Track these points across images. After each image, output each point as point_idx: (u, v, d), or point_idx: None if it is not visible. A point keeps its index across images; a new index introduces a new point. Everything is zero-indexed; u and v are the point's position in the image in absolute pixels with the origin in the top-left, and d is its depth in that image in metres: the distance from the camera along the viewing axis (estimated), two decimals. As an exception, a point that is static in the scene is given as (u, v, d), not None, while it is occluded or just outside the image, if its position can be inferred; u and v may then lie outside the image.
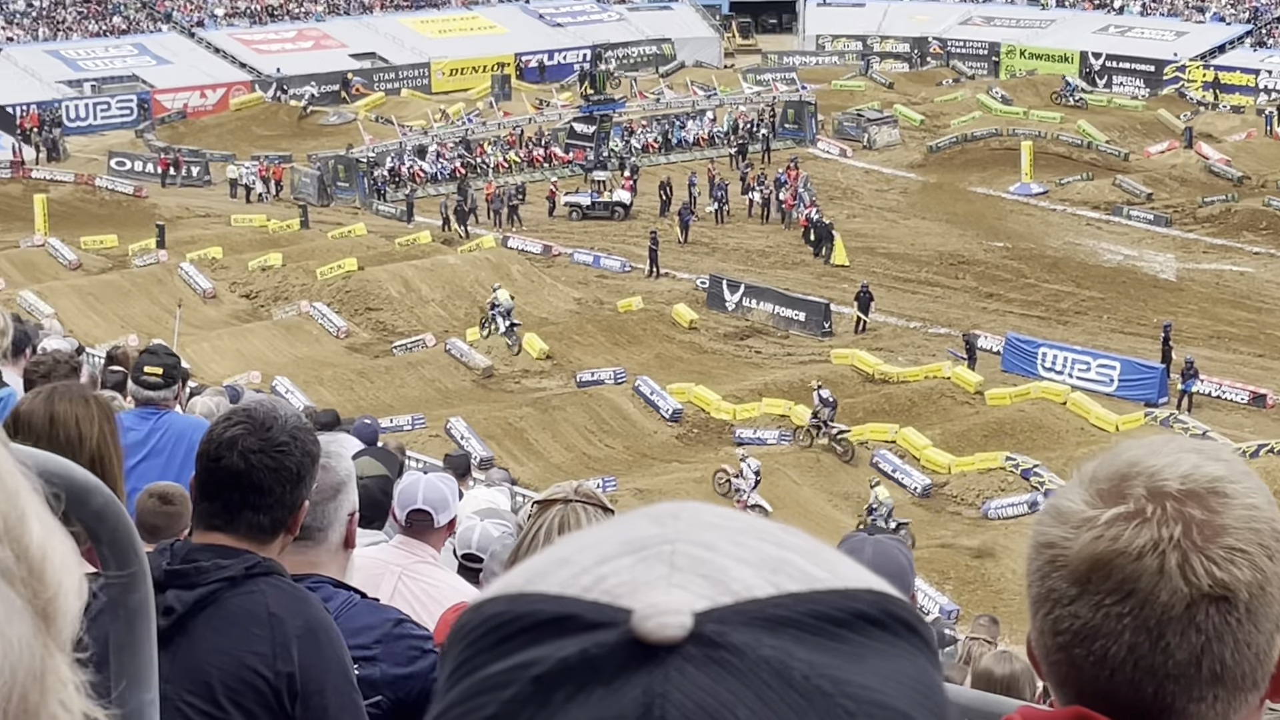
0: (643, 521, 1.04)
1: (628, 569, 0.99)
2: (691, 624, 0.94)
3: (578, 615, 0.97)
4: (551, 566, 1.01)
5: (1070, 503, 2.00)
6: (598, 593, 0.97)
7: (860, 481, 41.97)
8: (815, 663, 0.94)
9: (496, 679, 0.97)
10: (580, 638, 0.95)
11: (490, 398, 48.14)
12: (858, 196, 67.95)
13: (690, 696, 0.92)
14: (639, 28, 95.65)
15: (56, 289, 54.27)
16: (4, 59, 76.94)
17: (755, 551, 1.00)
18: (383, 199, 66.19)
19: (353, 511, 5.25)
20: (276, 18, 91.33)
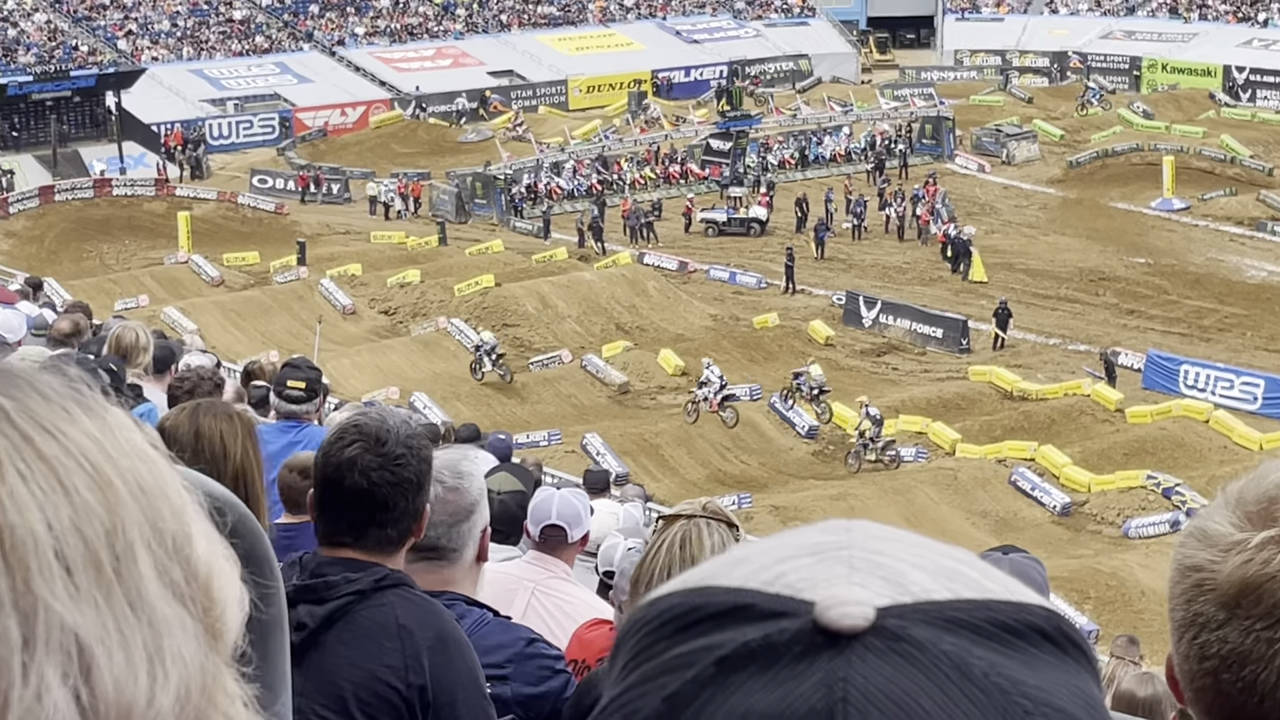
0: (815, 531, 1.06)
1: (807, 568, 1.01)
2: (874, 616, 0.96)
3: (757, 605, 0.99)
4: (729, 565, 1.04)
5: (1217, 525, 1.95)
6: (778, 586, 0.99)
7: (997, 500, 41.62)
8: (993, 662, 0.96)
9: (677, 660, 0.98)
10: (761, 625, 0.97)
11: (626, 414, 48.21)
12: (996, 212, 67.42)
13: (873, 683, 0.93)
14: (776, 44, 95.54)
15: (199, 305, 54.98)
16: (149, 79, 78.13)
17: (930, 561, 1.02)
18: (520, 216, 66.56)
19: (485, 527, 5.28)
20: (416, 36, 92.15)
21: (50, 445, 1.12)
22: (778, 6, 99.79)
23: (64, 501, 1.10)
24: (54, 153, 71.05)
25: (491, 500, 7.06)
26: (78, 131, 73.56)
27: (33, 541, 1.08)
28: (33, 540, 1.08)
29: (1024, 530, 39.07)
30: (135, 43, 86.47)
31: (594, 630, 6.84)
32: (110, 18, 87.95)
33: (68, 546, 1.09)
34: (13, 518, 1.08)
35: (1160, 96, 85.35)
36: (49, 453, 1.12)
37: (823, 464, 45.41)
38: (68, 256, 60.66)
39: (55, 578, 1.08)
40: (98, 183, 68.49)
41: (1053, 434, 45.07)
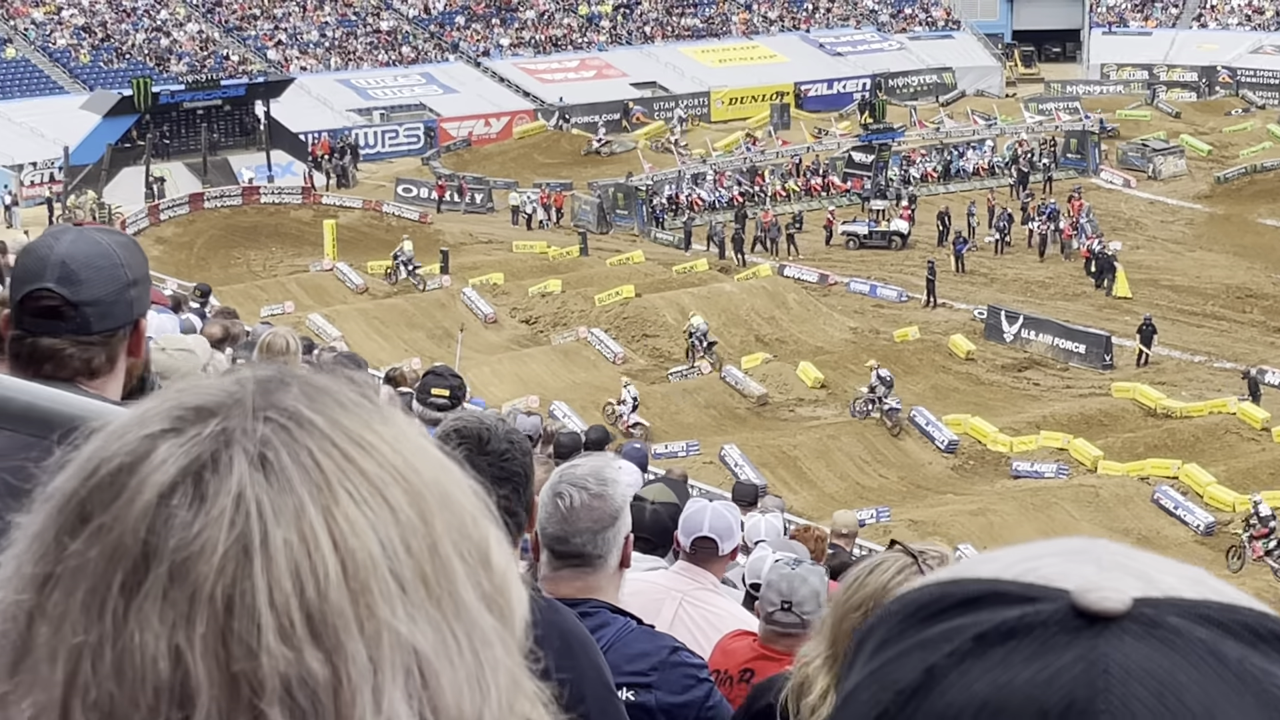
0: (1059, 540, 1.08)
1: (1057, 564, 1.03)
2: (1130, 603, 0.98)
3: (1011, 592, 1.01)
4: (978, 563, 1.06)
5: None
6: (1032, 577, 1.02)
7: (1139, 518, 41.18)
8: (1244, 654, 0.97)
9: (936, 638, 1.01)
10: (1017, 608, 1.00)
11: (764, 425, 48.19)
12: (1141, 228, 66.69)
13: (1132, 660, 0.95)
14: (919, 57, 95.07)
15: (344, 313, 55.55)
16: (298, 88, 79.11)
17: (1174, 569, 1.04)
18: (661, 227, 66.71)
19: (628, 534, 5.32)
20: (560, 48, 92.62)
21: (368, 461, 1.13)
22: (922, 20, 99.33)
23: (391, 519, 1.12)
24: (204, 161, 72.11)
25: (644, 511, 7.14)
26: (227, 140, 74.58)
27: (371, 564, 1.09)
28: (371, 563, 1.09)
29: (1166, 549, 38.60)
30: (284, 53, 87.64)
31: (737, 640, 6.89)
32: (261, 28, 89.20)
33: (400, 565, 1.10)
34: (352, 542, 1.09)
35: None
36: (369, 470, 1.13)
37: (962, 479, 45.14)
38: (216, 263, 61.52)
39: (394, 598, 1.09)
40: (246, 190, 69.40)
41: (1197, 452, 44.53)
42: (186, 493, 1.10)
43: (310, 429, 1.13)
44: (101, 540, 1.09)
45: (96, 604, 1.08)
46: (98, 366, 3.63)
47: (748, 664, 6.73)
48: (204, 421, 1.13)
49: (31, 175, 70.81)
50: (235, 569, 1.07)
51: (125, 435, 1.14)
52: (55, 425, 2.41)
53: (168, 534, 1.08)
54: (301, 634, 1.07)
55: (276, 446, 1.11)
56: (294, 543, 1.08)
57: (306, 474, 1.11)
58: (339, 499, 1.10)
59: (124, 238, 3.84)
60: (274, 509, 1.09)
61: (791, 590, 6.64)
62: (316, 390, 1.17)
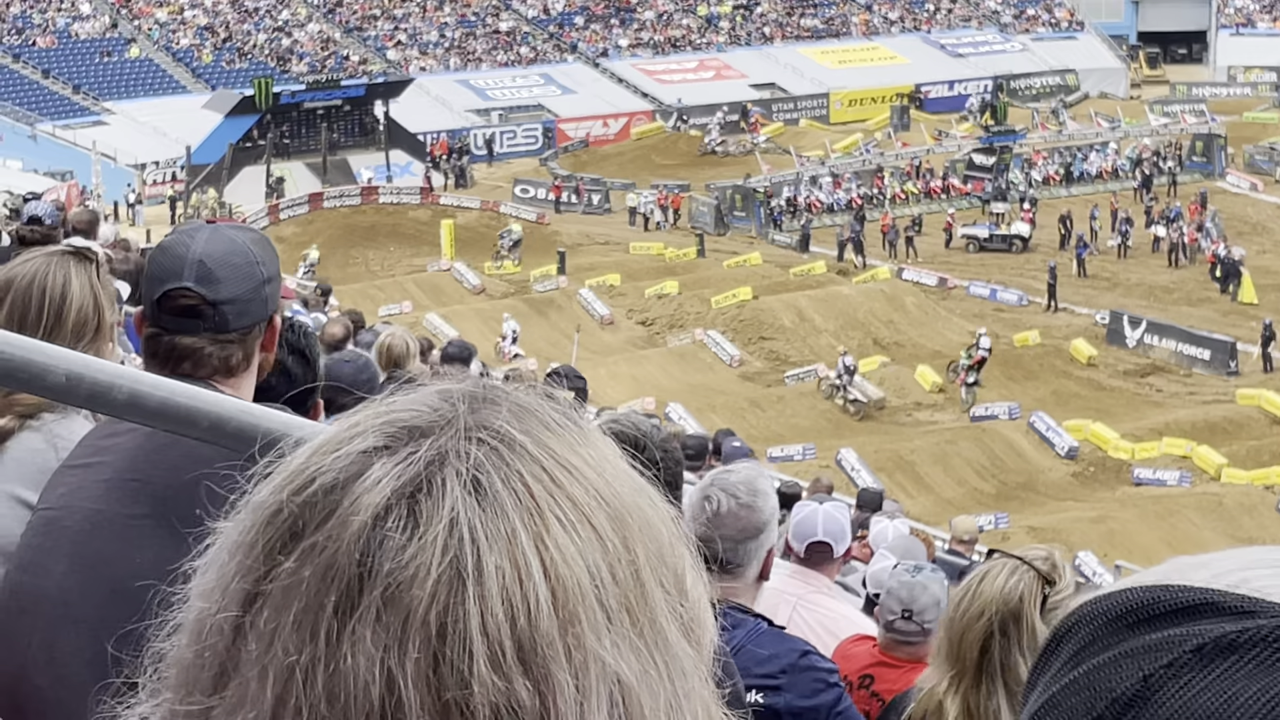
0: (1267, 549, 1.05)
1: (1270, 577, 1.00)
2: None
3: (1225, 604, 0.98)
4: (1187, 569, 1.03)
5: None
6: (1244, 589, 0.99)
7: (1264, 527, 40.48)
8: None
9: (1151, 646, 0.98)
10: (1233, 621, 0.97)
11: (881, 429, 47.84)
12: (1269, 232, 65.71)
13: None
14: (1042, 58, 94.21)
15: (460, 312, 55.74)
16: (417, 88, 79.53)
17: None
18: (778, 229, 66.45)
19: (771, 547, 5.29)
20: (679, 48, 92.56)
21: (575, 486, 1.13)
22: (1045, 20, 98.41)
23: (597, 545, 1.11)
24: (323, 160, 72.67)
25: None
26: (346, 140, 75.11)
27: (579, 592, 1.09)
28: (580, 591, 1.09)
29: (1292, 560, 37.95)
30: (404, 53, 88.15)
31: (857, 645, 6.74)
32: (381, 28, 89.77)
33: (606, 592, 1.10)
34: (563, 570, 1.09)
35: None
36: (576, 495, 1.12)
37: (1082, 485, 44.61)
38: (334, 262, 61.90)
39: (601, 627, 1.09)
40: (365, 190, 69.88)
41: (1324, 461, 43.79)
42: (401, 515, 1.09)
43: (520, 452, 1.13)
44: (314, 560, 1.09)
45: (309, 624, 1.08)
46: (235, 364, 3.63)
47: (867, 669, 6.60)
48: (417, 441, 1.13)
49: (154, 174, 71.60)
50: (449, 595, 1.07)
51: (338, 450, 1.14)
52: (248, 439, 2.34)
53: (382, 557, 1.08)
54: (512, 662, 1.07)
55: (489, 470, 1.11)
56: (506, 570, 1.08)
57: (518, 499, 1.11)
58: (549, 525, 1.10)
59: (257, 234, 3.84)
60: (487, 535, 1.09)
61: (912, 598, 6.51)
62: (524, 410, 1.17)
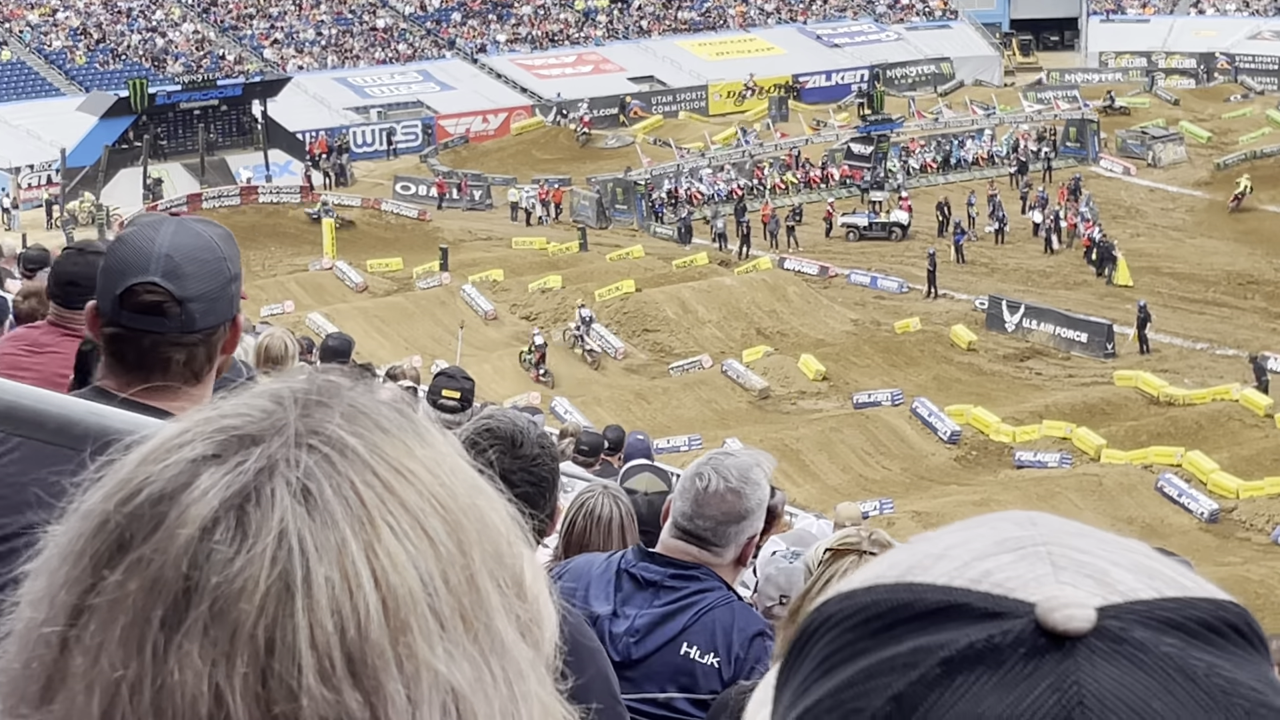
0: (1005, 524, 1.05)
1: (1010, 565, 1.00)
2: (1095, 618, 0.96)
3: (971, 605, 0.97)
4: (928, 560, 1.02)
5: None
6: (987, 585, 0.98)
7: (1143, 506, 41.10)
8: (1211, 663, 0.96)
9: (899, 660, 0.97)
10: (980, 626, 0.96)
11: (766, 419, 48.12)
12: (1142, 215, 66.62)
13: (1104, 686, 0.93)
14: (917, 47, 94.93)
15: (343, 311, 55.50)
16: (294, 87, 79.05)
17: (1126, 557, 1.02)
18: (660, 221, 66.63)
19: (753, 536, 5.40)
20: (557, 43, 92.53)
21: (408, 491, 1.10)
22: (919, 10, 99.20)
23: (430, 552, 1.09)
24: (201, 161, 72.08)
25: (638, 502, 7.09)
26: (225, 140, 74.56)
27: (411, 601, 1.07)
28: (411, 600, 1.07)
29: (1170, 537, 38.53)
30: (281, 52, 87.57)
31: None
32: (256, 27, 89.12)
33: (439, 600, 1.08)
34: (393, 579, 1.07)
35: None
36: (409, 500, 1.10)
37: (964, 469, 45.08)
38: (215, 263, 61.37)
39: (433, 635, 1.07)
40: (244, 190, 69.40)
41: (1200, 439, 44.45)
42: (229, 526, 1.07)
43: (352, 458, 1.11)
44: (141, 573, 1.07)
45: (136, 639, 1.05)
46: (199, 367, 3.47)
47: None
48: (247, 449, 1.11)
49: (29, 178, 70.74)
50: (277, 608, 1.05)
51: (166, 458, 1.11)
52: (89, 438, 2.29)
53: (209, 570, 1.06)
54: (342, 675, 1.05)
55: (319, 478, 1.09)
56: (336, 581, 1.06)
57: (348, 507, 1.09)
58: (380, 533, 1.08)
59: (223, 230, 3.67)
60: (316, 545, 1.07)
61: (790, 584, 6.59)
62: (357, 413, 1.14)
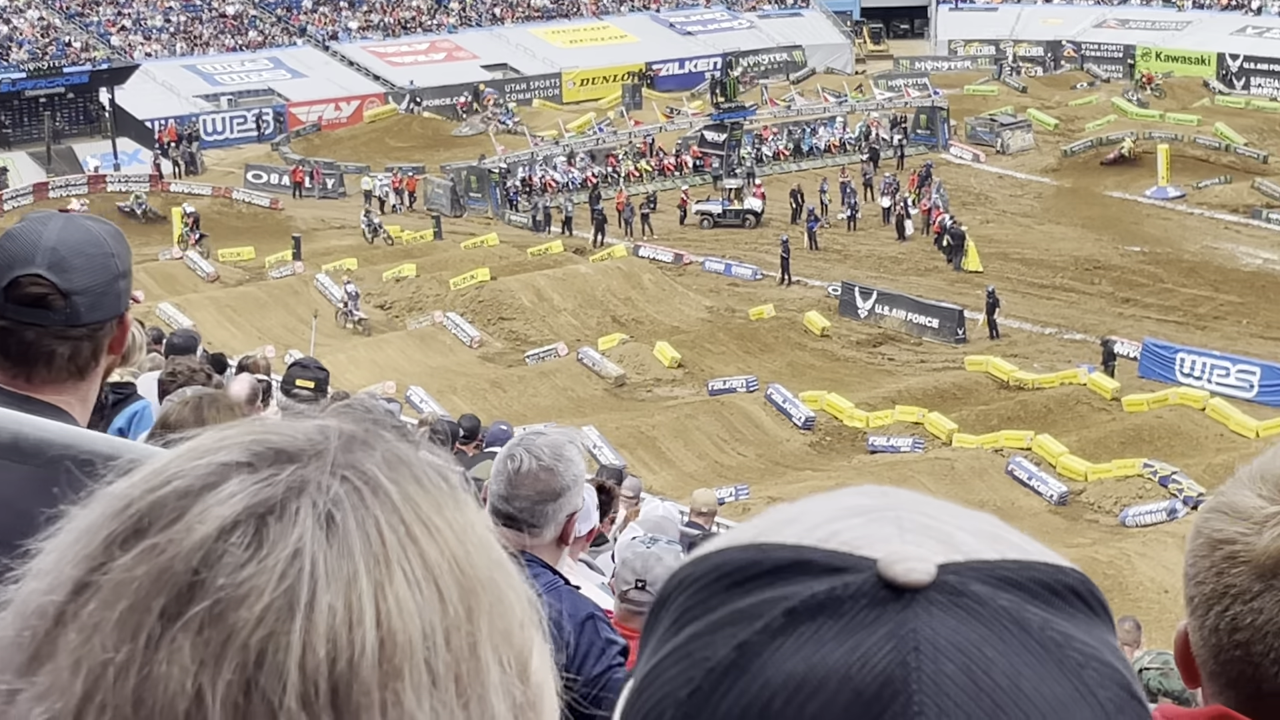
0: (855, 495, 1.10)
1: (859, 527, 1.04)
2: (935, 572, 0.99)
3: (816, 561, 1.02)
4: (779, 525, 1.06)
5: (1246, 501, 2.00)
6: (835, 544, 1.03)
7: (994, 489, 41.61)
8: (1046, 618, 1.00)
9: (744, 612, 1.01)
10: (824, 579, 1.00)
11: (622, 406, 48.21)
12: (991, 202, 67.42)
13: (940, 634, 0.97)
14: (770, 35, 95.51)
15: (195, 301, 54.94)
16: (143, 75, 78.08)
17: (971, 524, 1.07)
18: (514, 209, 66.51)
19: (573, 514, 5.41)
20: (409, 30, 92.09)
21: (430, 545, 1.10)
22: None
23: (439, 609, 1.08)
24: (48, 149, 71.03)
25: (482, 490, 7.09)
26: (72, 128, 73.55)
27: (409, 649, 1.06)
28: (409, 648, 1.06)
29: (1021, 519, 39.05)
30: (128, 39, 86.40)
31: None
32: (103, 14, 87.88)
33: (436, 657, 1.07)
34: (396, 624, 1.06)
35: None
36: (429, 554, 1.10)
37: (819, 455, 45.39)
38: (62, 253, 60.53)
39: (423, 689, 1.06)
40: (92, 179, 68.50)
41: (1049, 423, 45.04)
42: (246, 533, 1.07)
43: (383, 499, 1.10)
44: (151, 560, 1.06)
45: (133, 623, 1.05)
46: (84, 364, 3.44)
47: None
48: (281, 465, 1.11)
49: None
50: (275, 623, 1.04)
51: (201, 457, 1.11)
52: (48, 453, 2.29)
53: (218, 571, 1.05)
54: (324, 704, 1.03)
55: (346, 508, 1.09)
56: (339, 610, 1.05)
57: (368, 543, 1.08)
58: (393, 577, 1.07)
59: (112, 227, 3.62)
60: (328, 571, 1.06)
61: (646, 569, 6.62)
62: (398, 460, 1.14)
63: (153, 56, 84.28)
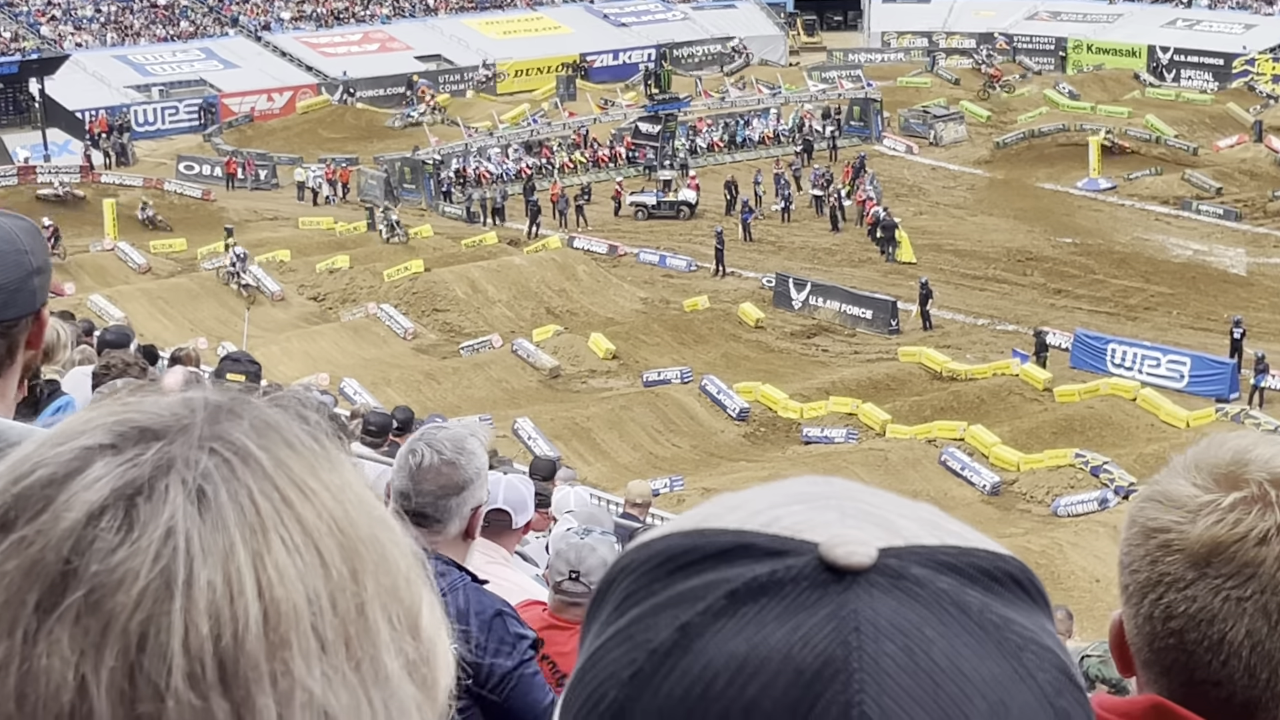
0: (798, 484, 1.12)
1: (802, 513, 1.06)
2: (876, 555, 1.01)
3: (759, 545, 1.03)
4: (722, 511, 1.08)
5: (1181, 489, 2.02)
6: (777, 528, 1.04)
7: (928, 480, 41.79)
8: (985, 601, 1.02)
9: (687, 594, 1.02)
10: (766, 562, 1.02)
11: (557, 398, 48.18)
12: (924, 193, 67.67)
13: (881, 614, 0.98)
14: (704, 26, 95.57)
15: (126, 293, 54.60)
16: (73, 65, 77.47)
17: (913, 511, 1.08)
18: (449, 200, 66.33)
19: (478, 507, 5.35)
20: (342, 20, 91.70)
21: (307, 509, 1.09)
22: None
23: (322, 573, 1.07)
24: (-23, 140, 70.45)
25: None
26: (1, 119, 72.87)
27: (295, 617, 1.05)
28: (295, 616, 1.05)
29: (954, 509, 39.15)
30: (58, 29, 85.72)
31: (527, 610, 6.82)
32: (33, 3, 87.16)
33: (323, 622, 1.06)
34: (278, 592, 1.05)
35: (1086, 77, 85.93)
36: (307, 518, 1.08)
37: (753, 445, 45.47)
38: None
39: (312, 655, 1.05)
40: (21, 170, 67.89)
41: (982, 414, 45.27)
42: (116, 517, 1.04)
43: (254, 467, 1.08)
44: (21, 553, 1.04)
45: (8, 619, 1.03)
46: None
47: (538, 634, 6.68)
48: (146, 443, 1.08)
49: None
50: (154, 605, 1.02)
51: (63, 443, 1.09)
52: None
53: (90, 558, 1.03)
54: (212, 681, 1.02)
55: (216, 481, 1.07)
56: (218, 585, 1.03)
57: (242, 514, 1.06)
58: (271, 545, 1.05)
59: (27, 223, 3.53)
60: (203, 547, 1.04)
61: (580, 559, 6.61)
62: (267, 426, 1.12)
63: (83, 47, 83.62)
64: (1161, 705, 2.01)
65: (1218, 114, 77.17)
